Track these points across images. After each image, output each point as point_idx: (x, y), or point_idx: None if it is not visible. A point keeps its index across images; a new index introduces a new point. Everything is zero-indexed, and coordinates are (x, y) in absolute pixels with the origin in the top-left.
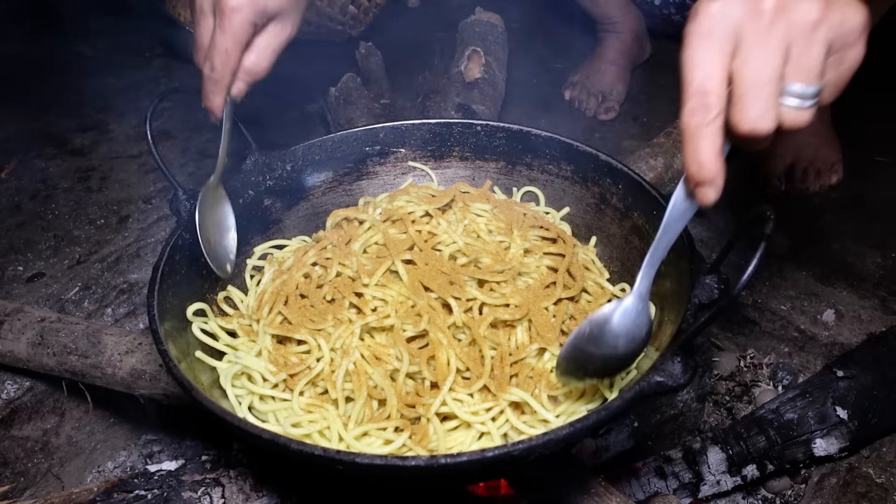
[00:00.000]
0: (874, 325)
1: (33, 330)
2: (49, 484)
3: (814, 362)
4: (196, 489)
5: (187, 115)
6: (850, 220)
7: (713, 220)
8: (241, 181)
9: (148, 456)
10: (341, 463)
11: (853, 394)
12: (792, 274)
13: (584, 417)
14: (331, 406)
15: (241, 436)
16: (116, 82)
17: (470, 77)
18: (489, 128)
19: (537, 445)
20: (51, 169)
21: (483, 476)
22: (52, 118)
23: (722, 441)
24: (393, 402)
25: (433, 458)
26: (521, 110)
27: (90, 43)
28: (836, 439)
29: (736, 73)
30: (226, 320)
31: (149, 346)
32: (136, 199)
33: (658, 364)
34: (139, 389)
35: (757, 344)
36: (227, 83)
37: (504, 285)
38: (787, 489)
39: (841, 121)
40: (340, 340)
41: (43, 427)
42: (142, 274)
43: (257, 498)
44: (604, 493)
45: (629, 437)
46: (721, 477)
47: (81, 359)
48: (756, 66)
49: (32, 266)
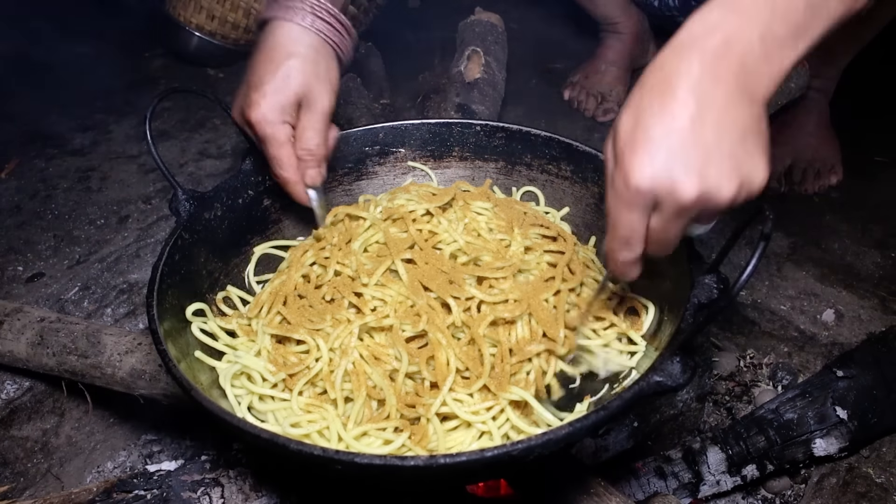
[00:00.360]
0: (874, 324)
1: (33, 330)
2: (49, 484)
3: (813, 362)
4: (195, 489)
5: (187, 116)
6: (850, 220)
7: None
8: (241, 181)
9: (147, 456)
10: (340, 463)
11: (853, 394)
12: (792, 274)
13: (584, 417)
14: (330, 406)
15: (241, 436)
16: (116, 82)
17: (470, 77)
18: (489, 128)
19: (536, 445)
20: (50, 169)
21: (482, 476)
22: (52, 118)
23: (722, 441)
24: (392, 402)
25: (432, 458)
26: (520, 110)
27: (90, 43)
28: (835, 439)
29: (650, 231)
30: (225, 320)
31: (148, 346)
32: (135, 199)
33: (657, 364)
34: (139, 389)
35: (757, 344)
36: (297, 181)
37: (503, 282)
38: (787, 489)
39: (840, 121)
40: (339, 340)
41: (42, 427)
42: (141, 274)
43: (256, 498)
44: (603, 492)
45: (629, 437)
46: (721, 477)
47: (81, 359)
48: (663, 229)
49: (32, 266)
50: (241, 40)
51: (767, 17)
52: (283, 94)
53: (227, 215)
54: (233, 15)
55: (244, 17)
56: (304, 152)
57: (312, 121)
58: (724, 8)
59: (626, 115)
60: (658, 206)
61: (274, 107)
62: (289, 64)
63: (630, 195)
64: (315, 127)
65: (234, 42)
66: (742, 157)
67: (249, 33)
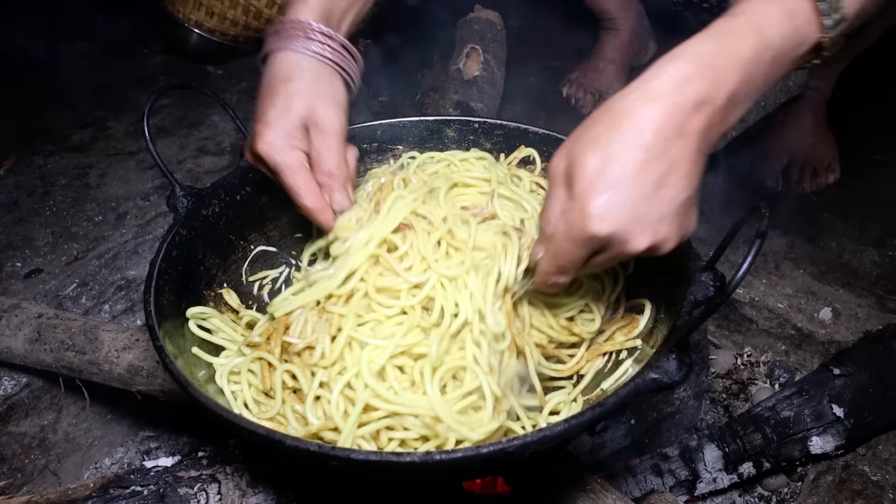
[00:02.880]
0: (871, 323)
1: (30, 326)
2: (46, 480)
3: (810, 360)
4: (192, 485)
5: (185, 112)
6: (848, 219)
7: (711, 219)
8: (239, 178)
9: (145, 452)
10: (336, 459)
11: (849, 392)
12: (789, 272)
13: (579, 414)
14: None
15: (237, 432)
16: (115, 79)
17: (468, 75)
18: (487, 125)
19: (532, 442)
20: (49, 165)
21: (479, 473)
22: (51, 114)
23: (718, 439)
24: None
25: (428, 455)
26: (519, 108)
27: (89, 39)
28: (832, 437)
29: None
30: (221, 319)
31: (146, 343)
32: (134, 195)
33: (653, 361)
34: (136, 386)
35: (754, 342)
36: (322, 207)
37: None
38: (784, 487)
39: (838, 119)
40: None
41: (40, 423)
42: (139, 270)
43: (253, 494)
44: (600, 490)
45: (626, 435)
46: (717, 474)
47: (78, 355)
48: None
49: (30, 262)
50: (240, 37)
51: (736, 83)
52: (287, 119)
53: (224, 212)
54: (232, 12)
55: (243, 14)
56: (323, 176)
57: (325, 142)
58: (699, 66)
59: (593, 154)
60: (605, 249)
61: (279, 134)
62: (288, 88)
63: (583, 237)
64: (329, 147)
65: (233, 39)
66: (688, 215)
67: (249, 30)
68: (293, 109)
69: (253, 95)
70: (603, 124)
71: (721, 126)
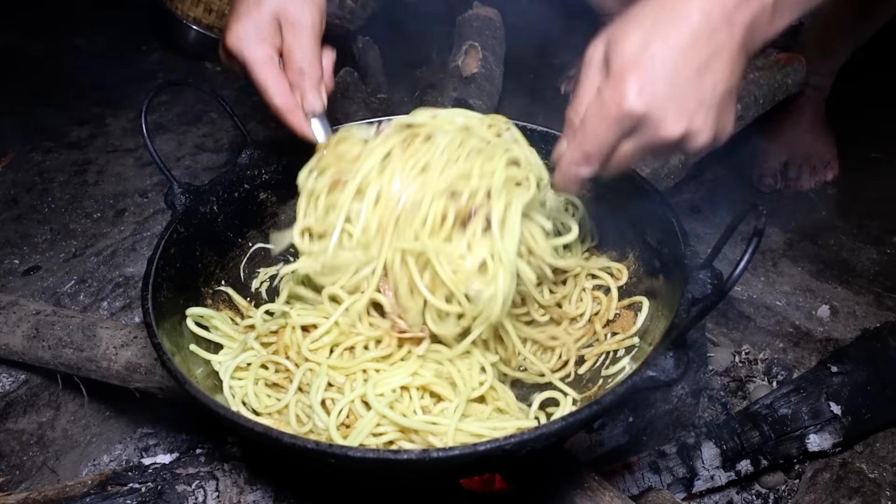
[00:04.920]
0: (869, 320)
1: (28, 323)
2: (44, 477)
3: (808, 358)
4: (190, 482)
5: (184, 109)
6: (846, 217)
7: (708, 216)
8: (237, 175)
9: (143, 449)
10: (333, 456)
11: (847, 389)
12: (787, 270)
13: (577, 411)
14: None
15: (234, 429)
16: (113, 76)
17: (467, 72)
18: None
19: (529, 440)
20: (47, 162)
21: (476, 470)
22: (49, 111)
23: (716, 436)
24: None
25: (425, 452)
26: (517, 105)
27: (87, 36)
28: (829, 435)
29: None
30: (221, 318)
31: (144, 340)
32: (132, 192)
33: (650, 359)
34: (134, 383)
35: (752, 339)
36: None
37: None
38: (781, 484)
39: (837, 117)
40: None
41: (38, 420)
42: (137, 268)
43: (251, 491)
44: (597, 487)
45: (623, 432)
46: (715, 472)
47: (77, 352)
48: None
49: (28, 259)
50: None
51: None
52: (258, 13)
53: (222, 209)
54: (230, 8)
55: None
56: (294, 74)
57: (296, 39)
58: None
59: (635, 33)
60: (636, 132)
61: (249, 28)
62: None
63: (618, 114)
64: (301, 45)
65: None
66: (724, 111)
67: None
68: (265, 4)
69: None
70: (647, 8)
71: (766, 28)
